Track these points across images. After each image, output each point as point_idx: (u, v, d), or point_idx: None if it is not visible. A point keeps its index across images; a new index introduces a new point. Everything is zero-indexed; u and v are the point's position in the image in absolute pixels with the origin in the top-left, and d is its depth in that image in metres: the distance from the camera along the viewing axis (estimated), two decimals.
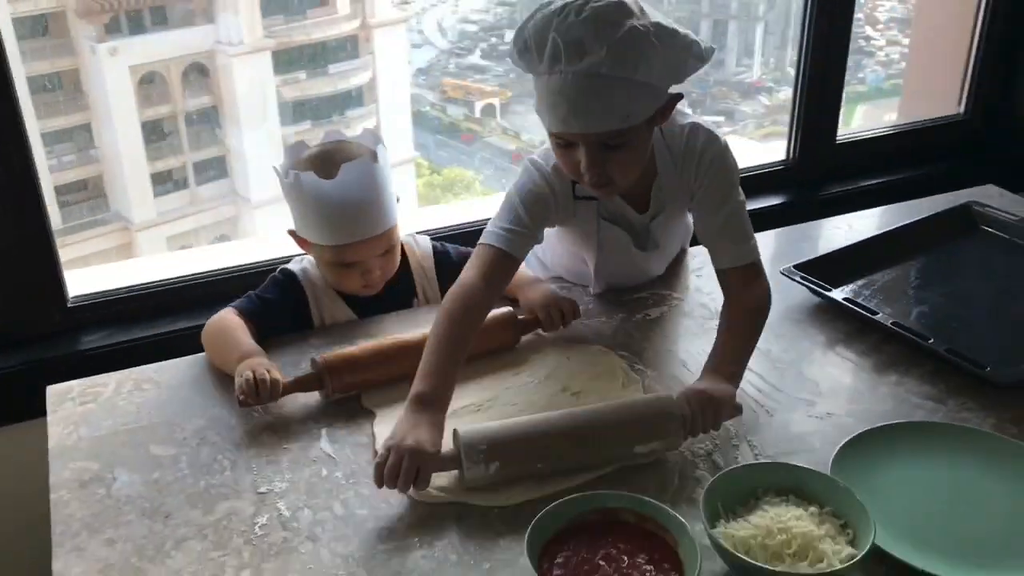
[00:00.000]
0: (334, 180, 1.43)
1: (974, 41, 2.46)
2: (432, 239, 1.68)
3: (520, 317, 1.50)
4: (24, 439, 1.76)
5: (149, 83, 4.16)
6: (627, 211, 1.50)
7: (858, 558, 1.02)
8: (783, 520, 1.08)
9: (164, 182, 4.41)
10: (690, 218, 1.60)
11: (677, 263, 1.73)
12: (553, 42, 1.24)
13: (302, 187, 1.45)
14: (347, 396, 1.38)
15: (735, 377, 1.32)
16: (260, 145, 4.43)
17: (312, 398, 1.38)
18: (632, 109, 1.27)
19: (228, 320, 1.46)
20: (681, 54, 1.28)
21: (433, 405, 1.23)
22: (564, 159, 1.36)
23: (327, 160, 1.47)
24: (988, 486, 1.20)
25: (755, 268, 1.44)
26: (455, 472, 1.21)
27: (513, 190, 1.45)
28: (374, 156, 1.48)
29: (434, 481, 1.19)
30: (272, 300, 1.52)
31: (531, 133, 5.17)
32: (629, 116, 1.28)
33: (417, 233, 1.71)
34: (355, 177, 1.45)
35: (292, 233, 1.56)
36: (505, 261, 1.40)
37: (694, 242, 1.73)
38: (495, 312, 1.45)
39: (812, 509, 1.10)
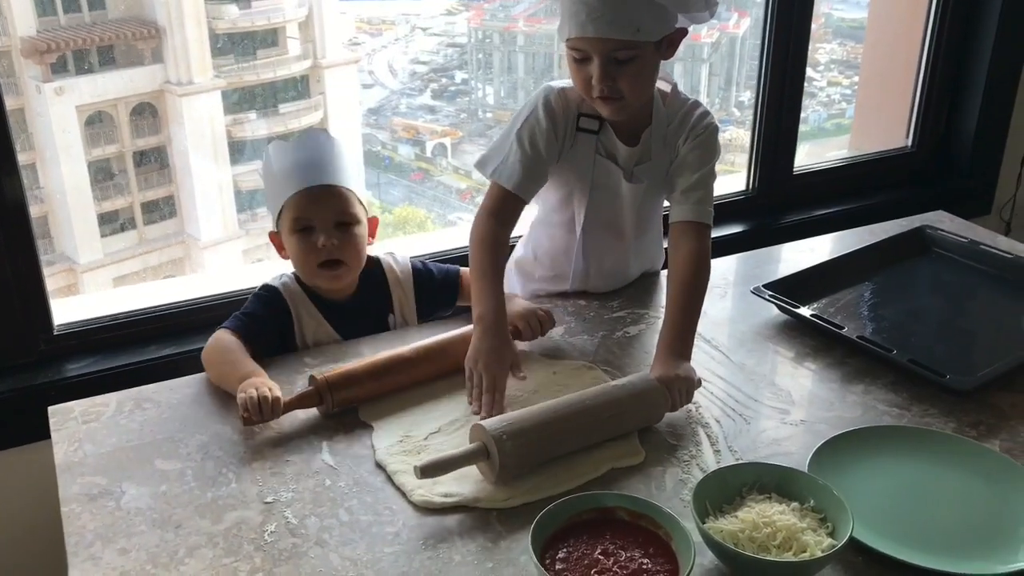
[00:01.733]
0: (295, 138, 1.63)
1: (919, 80, 2.62)
2: (412, 258, 1.74)
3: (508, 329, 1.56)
4: (8, 465, 1.79)
5: (96, 123, 4.14)
6: (619, 147, 1.63)
7: (838, 547, 1.10)
8: (768, 515, 1.15)
9: (111, 222, 4.38)
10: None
11: (652, 284, 1.82)
12: None
13: (271, 155, 1.61)
14: (345, 410, 1.43)
15: (689, 351, 1.49)
16: (210, 185, 4.43)
17: (311, 414, 1.43)
18: (642, 23, 1.46)
19: (226, 341, 1.51)
20: None
21: (496, 323, 1.47)
22: (578, 74, 1.53)
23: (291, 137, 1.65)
24: (951, 482, 1.29)
25: (708, 230, 1.61)
26: (456, 476, 1.27)
27: (518, 124, 1.61)
28: (326, 132, 1.65)
29: (436, 487, 1.25)
30: (258, 315, 1.58)
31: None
32: (639, 30, 1.46)
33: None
34: (313, 138, 1.63)
35: (272, 237, 1.65)
36: (512, 200, 1.59)
37: (665, 266, 1.82)
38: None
39: (794, 505, 1.18)
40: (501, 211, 1.59)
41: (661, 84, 1.64)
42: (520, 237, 1.86)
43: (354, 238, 1.60)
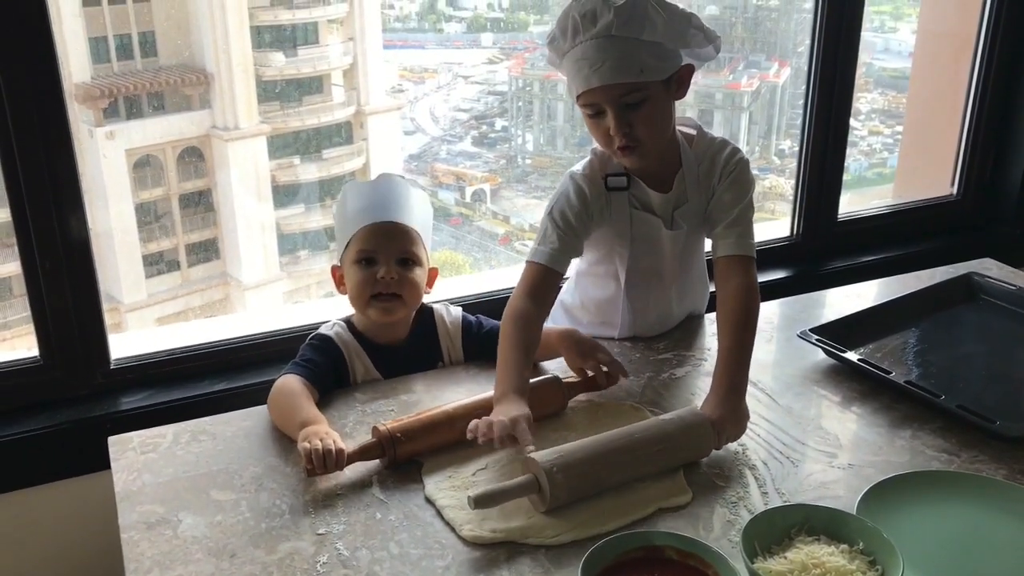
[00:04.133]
0: (372, 181, 1.69)
1: (964, 128, 2.62)
2: (465, 312, 1.76)
3: (566, 380, 1.57)
4: (66, 494, 1.83)
5: (144, 166, 4.23)
6: (652, 196, 1.65)
7: None
8: (817, 556, 1.16)
9: (156, 263, 4.46)
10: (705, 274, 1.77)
11: (697, 326, 1.84)
12: (572, 19, 1.50)
13: (346, 192, 1.68)
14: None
15: (744, 384, 1.50)
16: (253, 227, 4.51)
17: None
18: (645, 64, 1.49)
19: (292, 385, 1.53)
20: (681, 21, 1.51)
21: (510, 396, 1.42)
22: (596, 131, 1.57)
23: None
24: (1002, 529, 1.28)
25: (752, 263, 1.63)
26: (505, 512, 1.29)
27: (546, 212, 1.65)
28: (402, 176, 1.69)
29: (485, 523, 1.27)
30: (320, 362, 1.60)
31: (520, 217, 5.31)
32: (643, 71, 1.49)
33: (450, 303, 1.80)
34: (389, 180, 1.68)
35: (334, 271, 1.69)
36: (547, 275, 1.60)
37: (710, 308, 1.84)
38: (539, 380, 1.54)
39: (843, 547, 1.18)
40: (535, 289, 1.58)
41: (685, 130, 1.66)
42: (567, 279, 1.88)
43: (414, 277, 1.63)
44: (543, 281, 1.60)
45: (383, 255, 1.61)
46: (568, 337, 1.62)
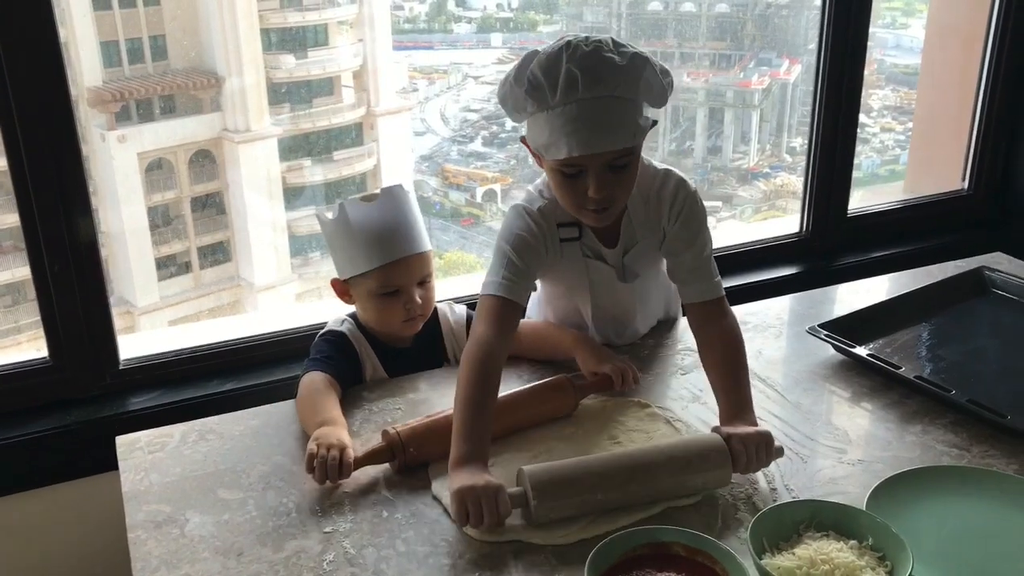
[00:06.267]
0: (376, 202, 1.59)
1: (975, 122, 2.61)
2: (469, 309, 1.76)
3: (578, 383, 1.56)
4: (75, 495, 1.84)
5: (156, 169, 4.25)
6: (601, 248, 1.60)
7: None
8: (825, 552, 1.15)
9: (168, 266, 4.48)
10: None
11: None
12: (568, 73, 1.36)
13: (348, 216, 1.58)
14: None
15: (753, 421, 1.41)
16: (265, 230, 4.52)
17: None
18: (636, 126, 1.41)
19: (318, 382, 1.53)
20: (665, 79, 1.43)
21: (476, 462, 1.31)
22: (569, 190, 1.45)
23: (366, 196, 1.62)
24: (1013, 525, 1.27)
25: (723, 301, 1.55)
26: (513, 512, 1.28)
27: (502, 240, 1.54)
28: (402, 188, 1.63)
29: None
30: (338, 358, 1.60)
31: None
32: (635, 134, 1.41)
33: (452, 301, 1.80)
34: (393, 200, 1.60)
35: (335, 284, 1.66)
36: (509, 308, 1.49)
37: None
38: (549, 380, 1.54)
39: (852, 543, 1.17)
40: (500, 323, 1.47)
41: None
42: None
43: (431, 292, 1.65)
44: (508, 314, 1.48)
45: (406, 286, 1.60)
46: (585, 342, 1.63)
